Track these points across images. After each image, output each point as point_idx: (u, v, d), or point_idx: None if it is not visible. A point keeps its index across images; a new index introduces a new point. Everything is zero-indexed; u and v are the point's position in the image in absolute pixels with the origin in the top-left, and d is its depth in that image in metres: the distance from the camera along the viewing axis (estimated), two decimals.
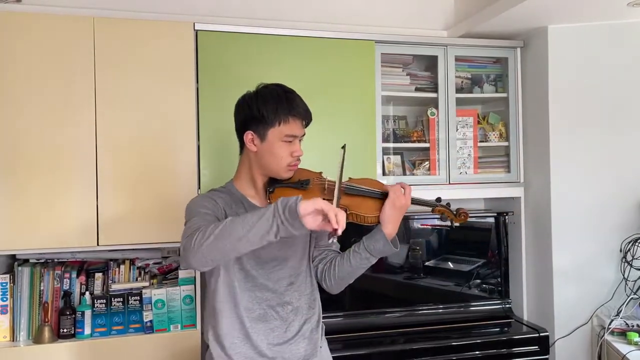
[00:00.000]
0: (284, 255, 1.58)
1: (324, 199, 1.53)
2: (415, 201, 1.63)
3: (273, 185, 1.58)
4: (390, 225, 1.56)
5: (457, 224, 1.68)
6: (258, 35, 2.44)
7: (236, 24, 2.47)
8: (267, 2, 2.74)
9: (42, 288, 2.24)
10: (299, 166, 1.61)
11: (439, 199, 1.70)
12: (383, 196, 1.60)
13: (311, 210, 1.25)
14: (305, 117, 1.57)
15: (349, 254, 1.62)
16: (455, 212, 1.68)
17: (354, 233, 1.76)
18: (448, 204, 1.70)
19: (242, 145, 1.60)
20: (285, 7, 2.77)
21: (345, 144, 1.59)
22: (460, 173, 2.76)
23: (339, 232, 1.28)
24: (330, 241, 1.31)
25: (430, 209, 1.70)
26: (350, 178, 1.66)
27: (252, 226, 1.27)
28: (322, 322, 1.71)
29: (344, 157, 1.56)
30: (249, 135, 1.54)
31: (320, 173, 1.66)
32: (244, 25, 2.48)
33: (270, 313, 1.55)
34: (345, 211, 1.53)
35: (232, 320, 1.53)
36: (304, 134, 1.59)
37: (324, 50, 2.51)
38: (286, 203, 1.27)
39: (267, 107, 1.51)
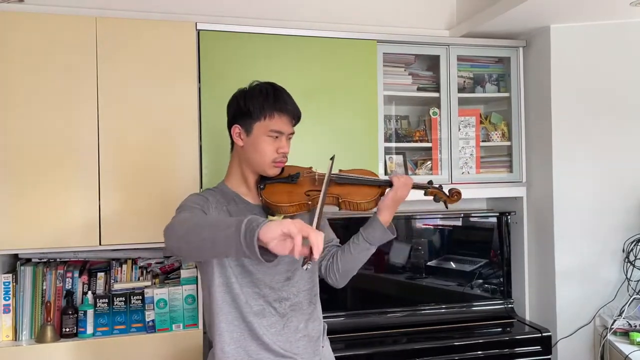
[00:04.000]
0: None
1: (313, 190, 1.54)
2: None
3: (264, 181, 1.59)
4: (387, 212, 1.60)
5: (450, 205, 1.71)
6: (260, 35, 2.44)
7: (238, 24, 2.47)
8: (269, 1, 2.74)
9: (44, 287, 2.25)
10: (288, 163, 1.62)
11: (430, 182, 1.73)
12: (380, 184, 1.63)
13: (277, 235, 1.08)
14: (293, 114, 1.56)
15: (349, 247, 1.65)
16: (447, 193, 1.70)
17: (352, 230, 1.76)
18: (440, 186, 1.73)
19: (232, 141, 1.61)
20: (287, 6, 2.77)
21: (334, 155, 1.62)
22: (463, 173, 2.76)
23: (315, 257, 1.09)
24: (304, 268, 1.11)
25: (423, 191, 1.73)
26: (340, 170, 1.68)
27: (215, 234, 1.17)
28: (325, 321, 1.70)
29: (331, 168, 1.57)
30: (236, 130, 1.56)
31: (310, 168, 1.67)
32: (246, 25, 2.48)
33: (268, 309, 1.54)
34: (338, 199, 1.57)
35: (233, 316, 1.51)
36: (292, 133, 1.59)
37: (326, 49, 2.51)
38: (250, 222, 1.11)
39: (253, 102, 1.53)
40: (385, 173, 2.66)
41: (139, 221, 2.23)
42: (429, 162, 2.75)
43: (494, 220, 2.87)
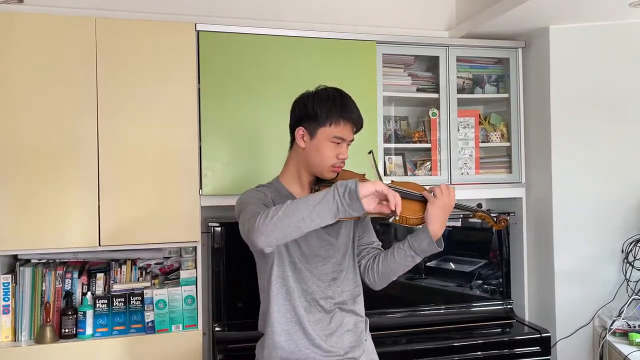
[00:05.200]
0: (326, 254, 1.62)
1: None
2: (457, 206, 1.65)
3: (319, 183, 1.62)
4: (436, 224, 1.57)
5: (497, 230, 1.73)
6: (259, 35, 2.44)
7: (238, 25, 2.47)
8: (268, 3, 2.75)
9: (44, 288, 2.25)
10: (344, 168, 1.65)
11: (479, 205, 1.75)
12: (426, 199, 1.62)
13: (370, 193, 1.34)
14: (356, 122, 1.61)
15: (393, 250, 1.65)
16: (495, 219, 1.72)
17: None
18: (489, 210, 1.74)
19: (293, 141, 1.64)
20: (286, 7, 2.77)
21: (371, 150, 1.68)
22: (462, 173, 2.76)
23: (398, 213, 1.36)
24: (391, 220, 1.39)
25: (471, 214, 1.74)
26: (392, 181, 1.68)
27: (314, 207, 1.33)
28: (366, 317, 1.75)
29: (374, 159, 1.65)
30: (300, 131, 1.59)
31: (364, 175, 1.69)
32: (245, 25, 2.48)
33: (314, 305, 1.59)
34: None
35: (285, 309, 1.57)
36: (352, 140, 1.63)
37: (325, 50, 2.51)
38: (346, 185, 1.33)
39: (321, 107, 1.56)
40: (385, 174, 2.66)
41: (139, 222, 2.23)
42: (428, 163, 2.75)
43: None
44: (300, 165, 1.63)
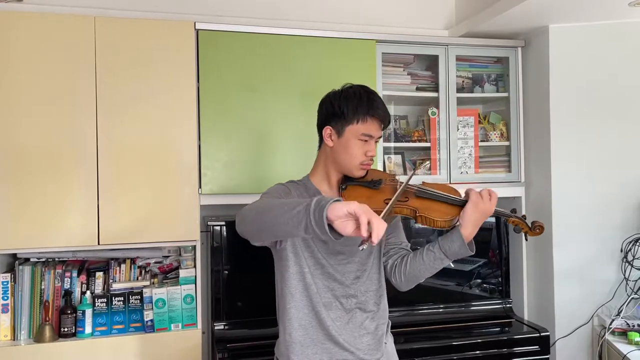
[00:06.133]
0: (350, 251, 1.60)
1: (387, 199, 1.52)
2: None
3: (346, 182, 1.61)
4: (470, 226, 1.56)
5: (531, 237, 1.68)
6: (259, 34, 2.44)
7: (237, 24, 2.47)
8: (268, 1, 2.74)
9: (43, 287, 2.25)
10: (373, 167, 1.64)
11: (514, 210, 1.69)
12: (459, 203, 1.59)
13: (342, 214, 1.15)
14: (384, 119, 1.59)
15: (422, 252, 1.63)
16: (530, 225, 1.65)
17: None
18: (524, 216, 1.68)
19: (321, 140, 1.63)
20: (286, 6, 2.77)
21: (416, 165, 1.61)
22: (461, 173, 2.76)
23: (373, 242, 1.14)
24: (360, 248, 1.18)
25: (504, 219, 1.69)
26: (423, 182, 1.67)
27: (284, 213, 1.24)
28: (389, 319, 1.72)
29: (411, 176, 1.60)
30: (327, 130, 1.58)
31: (394, 175, 1.68)
32: (244, 24, 2.48)
33: (335, 303, 1.57)
34: (415, 212, 1.55)
35: (303, 304, 1.55)
36: (381, 136, 1.62)
37: (325, 49, 2.51)
38: (320, 201, 1.18)
39: (348, 105, 1.55)
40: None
41: (138, 221, 2.23)
42: (428, 162, 2.75)
43: (493, 220, 2.87)
44: (329, 164, 1.62)
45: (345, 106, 1.55)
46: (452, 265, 2.81)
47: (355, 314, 1.60)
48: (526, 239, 1.72)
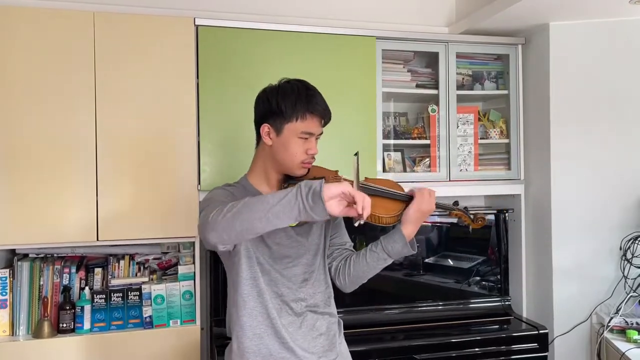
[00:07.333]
0: (297, 253, 1.57)
1: None
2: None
3: (288, 181, 1.57)
4: (411, 226, 1.56)
5: (474, 228, 1.68)
6: (259, 30, 2.43)
7: (237, 20, 2.46)
8: None
9: (41, 283, 2.24)
10: (315, 164, 1.59)
11: (456, 203, 1.69)
12: (403, 198, 1.58)
13: (335, 194, 1.24)
14: (324, 115, 1.54)
15: (365, 253, 1.61)
16: (472, 217, 1.66)
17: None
18: (465, 208, 1.68)
19: (259, 138, 1.57)
20: (286, 2, 2.76)
21: (357, 152, 1.57)
22: (461, 170, 2.76)
23: (364, 217, 1.26)
24: (356, 224, 1.29)
25: (447, 212, 1.69)
26: (366, 178, 1.64)
27: (272, 206, 1.24)
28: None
29: (358, 162, 1.55)
30: (265, 128, 1.52)
31: (337, 171, 1.64)
32: (244, 20, 2.47)
33: (285, 308, 1.54)
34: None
35: (257, 311, 1.52)
36: (321, 133, 1.57)
37: (324, 46, 2.51)
38: (310, 186, 1.23)
39: (286, 102, 1.48)
40: (384, 170, 2.66)
41: (137, 217, 2.23)
42: (427, 160, 2.74)
43: (492, 217, 2.87)
44: (267, 163, 1.56)
45: (282, 103, 1.48)
46: (451, 262, 2.82)
47: (307, 316, 1.57)
48: (470, 232, 1.71)
